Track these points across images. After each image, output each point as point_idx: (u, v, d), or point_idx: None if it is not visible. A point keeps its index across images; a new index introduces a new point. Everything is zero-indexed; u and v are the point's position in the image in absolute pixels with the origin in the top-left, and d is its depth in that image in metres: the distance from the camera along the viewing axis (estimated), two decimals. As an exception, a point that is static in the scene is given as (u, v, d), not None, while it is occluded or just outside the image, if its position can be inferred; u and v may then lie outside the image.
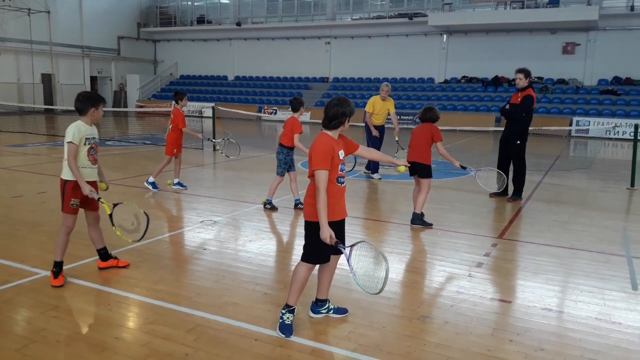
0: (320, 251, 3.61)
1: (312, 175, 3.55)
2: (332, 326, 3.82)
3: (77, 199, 4.50)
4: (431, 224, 6.64)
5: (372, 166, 10.52)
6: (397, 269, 5.23)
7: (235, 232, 6.36)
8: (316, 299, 3.97)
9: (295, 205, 7.38)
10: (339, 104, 3.59)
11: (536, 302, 4.32)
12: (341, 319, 3.93)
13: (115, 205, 4.67)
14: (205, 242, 5.83)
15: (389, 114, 10.34)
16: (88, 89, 31.47)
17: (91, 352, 3.37)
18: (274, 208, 7.35)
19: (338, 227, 3.68)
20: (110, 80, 33.46)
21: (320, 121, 3.72)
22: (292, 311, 3.67)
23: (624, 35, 23.73)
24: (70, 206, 4.49)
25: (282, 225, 6.79)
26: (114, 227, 4.61)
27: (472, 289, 4.60)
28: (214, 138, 14.37)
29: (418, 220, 6.64)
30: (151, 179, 8.57)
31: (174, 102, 8.68)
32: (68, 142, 4.39)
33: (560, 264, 5.35)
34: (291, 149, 7.24)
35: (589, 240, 6.23)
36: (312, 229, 3.59)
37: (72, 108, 4.67)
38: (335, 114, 3.57)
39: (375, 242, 6.16)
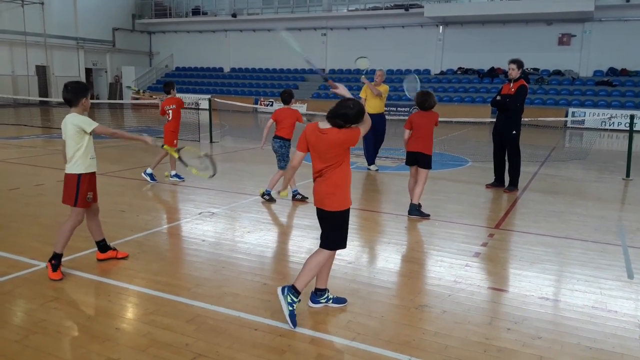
0: (345, 237, 3.85)
1: (330, 166, 3.66)
2: (331, 315, 3.85)
3: (92, 192, 4.51)
4: (428, 215, 6.67)
5: (369, 157, 10.53)
6: (395, 259, 5.27)
7: (233, 224, 6.37)
8: (315, 288, 3.98)
9: (294, 197, 7.38)
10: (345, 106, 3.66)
11: (533, 291, 4.36)
12: (340, 308, 3.95)
13: (179, 149, 4.83)
14: (203, 234, 5.84)
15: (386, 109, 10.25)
16: (83, 81, 31.28)
17: (92, 343, 3.38)
18: (272, 200, 7.36)
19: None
20: (106, 72, 33.25)
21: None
22: (299, 299, 3.70)
23: (619, 26, 23.73)
24: (86, 200, 4.48)
25: (281, 217, 6.80)
26: (188, 167, 4.89)
27: (469, 278, 4.63)
28: (210, 131, 14.33)
29: (415, 211, 6.66)
30: (149, 170, 8.56)
31: (165, 94, 8.64)
32: (94, 128, 4.36)
33: (557, 254, 5.39)
34: (290, 140, 7.23)
35: (585, 230, 6.27)
36: (339, 217, 3.75)
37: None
38: (347, 116, 3.64)
39: (373, 232, 6.19)
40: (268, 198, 7.37)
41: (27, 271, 4.56)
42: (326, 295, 3.97)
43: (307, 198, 7.32)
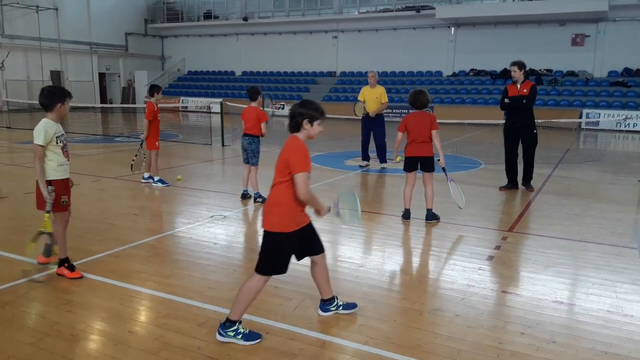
0: (279, 262, 3.46)
1: (282, 182, 3.37)
2: (342, 319, 3.83)
3: (66, 195, 4.49)
4: (439, 217, 6.61)
5: (379, 155, 10.74)
6: (406, 262, 5.24)
7: (244, 227, 6.39)
8: (322, 300, 3.90)
9: (255, 199, 7.36)
10: (300, 103, 3.46)
11: (547, 295, 4.31)
12: (351, 312, 3.93)
13: (41, 233, 4.52)
14: (215, 237, 5.86)
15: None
16: (97, 85, 31.66)
17: (105, 346, 3.41)
18: (263, 200, 7.39)
19: (302, 233, 3.51)
20: (119, 76, 33.60)
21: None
22: (237, 325, 3.44)
23: (634, 26, 23.45)
24: (61, 204, 4.45)
25: (292, 220, 6.80)
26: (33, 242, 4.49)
27: (482, 282, 4.59)
28: (221, 134, 14.40)
29: (432, 215, 6.54)
30: (156, 178, 8.61)
31: (149, 97, 8.71)
32: (39, 145, 4.28)
33: (571, 257, 5.33)
34: (258, 137, 7.40)
35: (600, 232, 6.19)
36: (271, 239, 3.42)
37: (81, 105, 4.68)
38: (293, 113, 3.41)
39: (384, 235, 6.16)
40: (261, 200, 7.34)
41: (41, 274, 4.61)
42: (335, 303, 3.90)
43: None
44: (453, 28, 27.13)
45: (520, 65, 8.25)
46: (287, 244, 3.44)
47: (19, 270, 4.69)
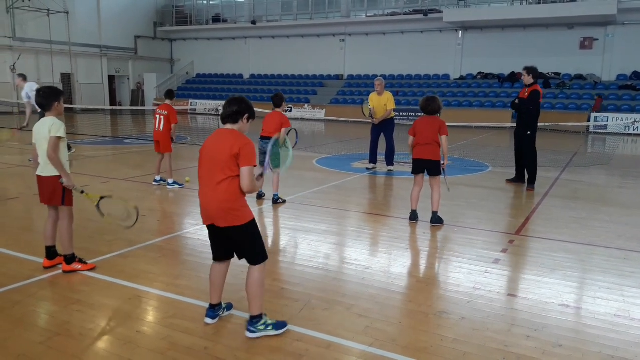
0: (263, 245, 3.63)
1: (233, 176, 3.45)
2: (348, 321, 3.85)
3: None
4: (443, 221, 6.60)
5: (387, 157, 10.75)
6: (413, 265, 5.25)
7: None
8: (210, 304, 3.81)
9: (275, 201, 7.48)
10: (241, 99, 3.72)
11: (554, 299, 4.30)
12: (357, 314, 3.95)
13: (102, 197, 4.82)
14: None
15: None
16: (106, 88, 31.90)
17: (113, 345, 3.45)
18: (284, 201, 7.54)
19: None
20: (128, 79, 33.81)
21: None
22: (264, 319, 3.57)
23: (643, 30, 23.31)
24: (72, 196, 4.66)
25: (298, 221, 6.83)
26: (103, 217, 4.81)
27: (488, 285, 4.59)
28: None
29: (437, 219, 6.57)
30: (170, 181, 8.65)
31: (166, 100, 8.84)
32: (58, 137, 4.46)
33: (578, 261, 5.32)
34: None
35: (608, 236, 6.17)
36: (251, 227, 3.54)
37: (92, 107, 4.77)
38: (238, 107, 3.70)
39: (390, 238, 6.17)
40: (282, 201, 7.48)
41: (51, 274, 4.67)
42: (223, 306, 3.85)
43: (286, 201, 7.64)
44: (460, 31, 27.10)
45: (529, 70, 8.73)
46: (256, 225, 3.61)
47: (28, 270, 4.75)
